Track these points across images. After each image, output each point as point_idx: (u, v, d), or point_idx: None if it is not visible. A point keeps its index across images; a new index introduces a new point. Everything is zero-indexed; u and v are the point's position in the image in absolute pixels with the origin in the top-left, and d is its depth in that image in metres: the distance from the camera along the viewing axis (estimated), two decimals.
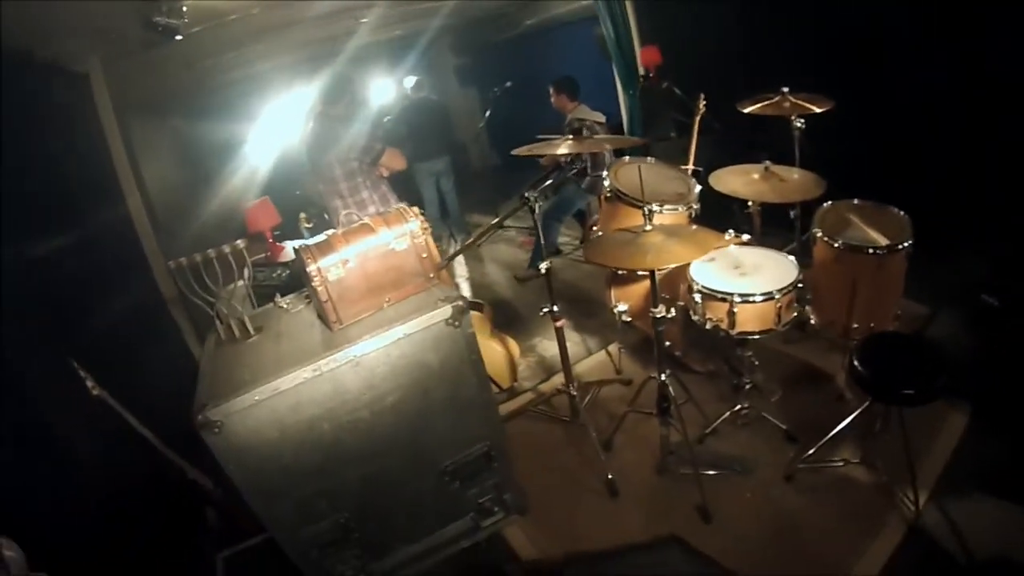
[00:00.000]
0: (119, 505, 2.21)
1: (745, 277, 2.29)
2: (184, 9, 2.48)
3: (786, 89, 2.85)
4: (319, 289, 1.76)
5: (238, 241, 1.85)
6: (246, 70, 4.47)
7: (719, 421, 2.49)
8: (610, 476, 2.34)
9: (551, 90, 4.09)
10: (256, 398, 1.62)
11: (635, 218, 2.43)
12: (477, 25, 6.13)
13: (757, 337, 2.23)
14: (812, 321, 2.78)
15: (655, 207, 2.54)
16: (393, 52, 5.44)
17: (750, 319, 2.19)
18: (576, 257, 4.53)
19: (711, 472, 2.29)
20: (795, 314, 2.26)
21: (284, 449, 1.70)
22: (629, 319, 2.89)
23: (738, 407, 2.50)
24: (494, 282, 4.55)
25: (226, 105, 4.54)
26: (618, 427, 2.58)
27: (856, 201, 2.69)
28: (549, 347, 3.41)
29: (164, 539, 2.46)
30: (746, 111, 2.89)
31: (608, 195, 2.78)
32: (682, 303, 2.47)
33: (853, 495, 2.14)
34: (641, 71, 4.47)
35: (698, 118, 3.51)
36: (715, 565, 1.96)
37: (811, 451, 2.22)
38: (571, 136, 2.43)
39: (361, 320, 1.82)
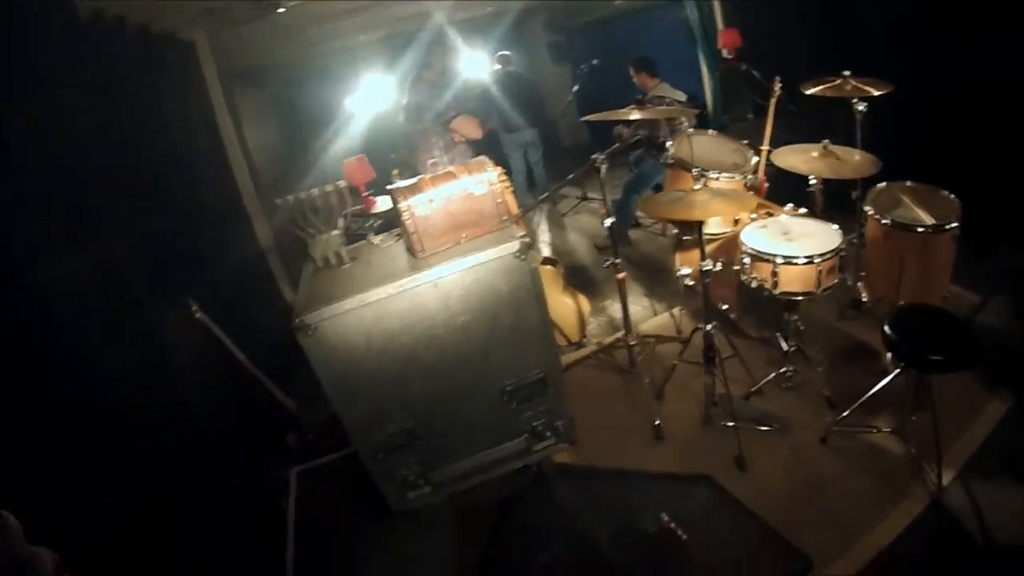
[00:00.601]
0: (217, 425, 2.65)
1: (792, 242, 2.48)
2: None
3: (847, 72, 2.98)
4: (407, 222, 2.11)
5: (340, 181, 2.23)
6: (344, 41, 4.94)
7: (764, 381, 2.68)
8: (657, 423, 2.58)
9: (631, 69, 4.34)
10: (346, 307, 1.98)
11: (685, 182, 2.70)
12: (570, 4, 6.44)
13: (800, 299, 2.43)
14: (864, 298, 2.93)
15: (713, 174, 2.76)
16: (486, 28, 5.80)
17: (793, 280, 2.39)
18: (655, 230, 4.76)
19: (752, 427, 2.49)
20: (835, 281, 2.43)
21: (367, 356, 2.05)
22: (691, 283, 3.13)
23: (784, 370, 2.68)
24: (575, 248, 4.91)
25: (325, 73, 5.05)
26: (669, 378, 2.82)
27: (909, 183, 2.84)
28: (619, 309, 3.65)
29: (250, 457, 2.91)
30: (808, 92, 3.04)
31: (671, 162, 3.02)
32: (737, 267, 2.68)
33: (881, 463, 2.29)
34: (725, 54, 4.64)
35: (774, 100, 3.65)
36: (738, 504, 2.17)
37: (845, 413, 2.38)
38: (636, 105, 2.68)
39: (441, 252, 2.16)
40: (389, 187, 2.24)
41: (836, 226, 2.55)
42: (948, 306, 2.64)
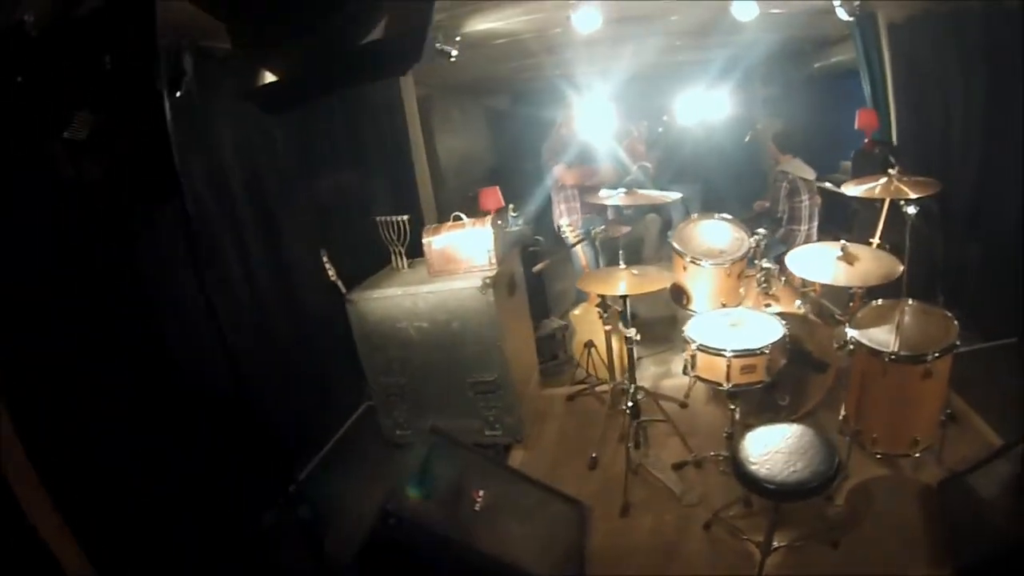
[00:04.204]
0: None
1: (733, 330, 3.22)
2: (458, 39, 4.46)
3: (893, 171, 3.27)
4: (427, 251, 3.68)
5: (403, 217, 3.88)
6: (533, 73, 6.49)
7: (707, 455, 3.45)
8: (594, 455, 3.63)
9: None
10: (376, 295, 3.66)
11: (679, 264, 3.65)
12: (773, 61, 6.93)
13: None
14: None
15: (697, 260, 3.65)
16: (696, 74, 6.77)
17: (705, 367, 3.16)
18: None
19: (661, 482, 3.36)
20: (754, 380, 3.09)
21: (383, 327, 3.70)
22: None
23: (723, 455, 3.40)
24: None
25: (523, 97, 6.71)
26: (640, 429, 3.70)
27: (910, 301, 3.15)
28: (677, 366, 4.46)
29: None
30: (850, 194, 3.45)
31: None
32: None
33: (732, 567, 2.83)
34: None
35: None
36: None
37: (731, 512, 3.05)
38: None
39: (442, 275, 3.67)
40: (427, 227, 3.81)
41: (782, 321, 3.18)
42: (924, 450, 3.04)
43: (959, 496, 2.84)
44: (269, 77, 1.54)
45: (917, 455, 3.08)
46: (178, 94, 1.60)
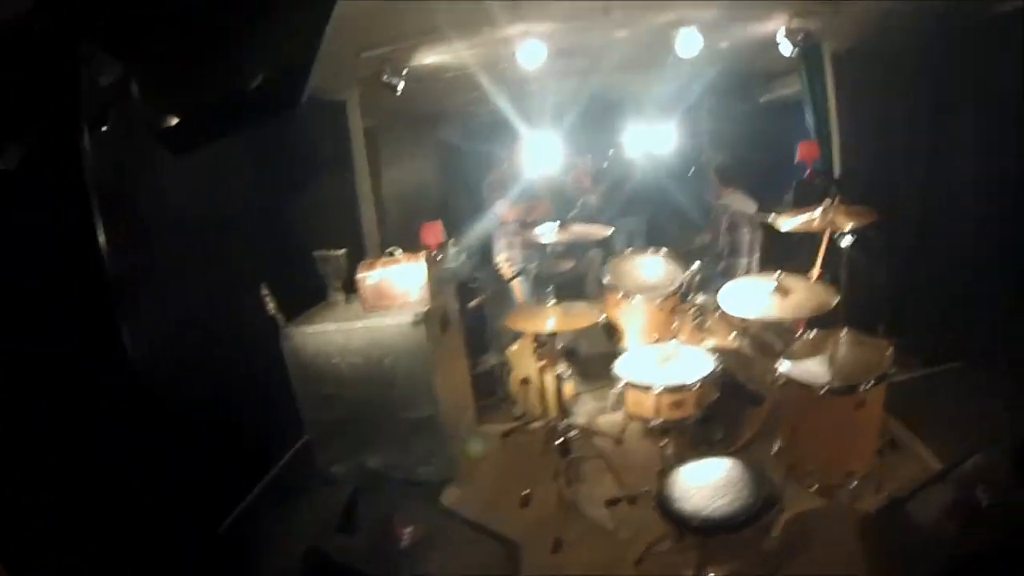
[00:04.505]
0: None
1: (665, 364, 3.29)
2: (405, 71, 4.54)
3: (828, 202, 3.40)
4: (360, 287, 3.69)
5: (340, 251, 3.90)
6: (482, 107, 6.52)
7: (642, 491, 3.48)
8: (526, 491, 3.61)
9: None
10: (309, 331, 3.65)
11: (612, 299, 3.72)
12: (720, 93, 7.17)
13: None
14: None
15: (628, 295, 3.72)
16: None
17: (635, 402, 3.22)
18: None
19: (593, 520, 3.38)
20: (684, 416, 3.16)
21: (318, 362, 3.68)
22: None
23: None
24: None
25: (472, 131, 6.81)
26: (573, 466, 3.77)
27: (845, 331, 3.26)
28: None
29: None
30: (785, 230, 3.56)
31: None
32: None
33: None
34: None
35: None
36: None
37: (663, 548, 3.07)
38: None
39: (376, 311, 3.67)
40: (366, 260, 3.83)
41: (710, 358, 3.26)
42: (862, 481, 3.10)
43: (896, 524, 2.89)
44: (173, 120, 1.61)
45: (854, 485, 3.14)
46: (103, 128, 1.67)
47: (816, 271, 3.75)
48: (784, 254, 5.28)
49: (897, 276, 4.53)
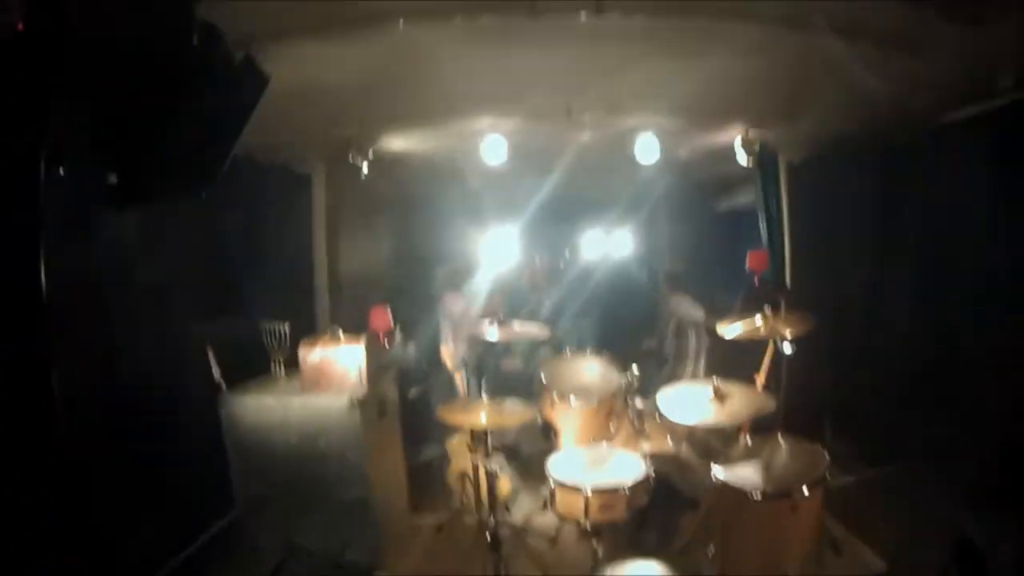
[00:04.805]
0: None
1: (596, 466, 3.29)
2: (370, 154, 4.68)
3: (768, 308, 3.56)
4: (302, 365, 3.68)
5: (284, 324, 3.90)
6: (444, 197, 6.77)
7: None
8: None
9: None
10: (248, 401, 3.61)
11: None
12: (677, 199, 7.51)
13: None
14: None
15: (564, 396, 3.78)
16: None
17: (562, 503, 3.20)
18: None
19: None
20: (614, 518, 3.14)
21: (255, 432, 3.62)
22: None
23: None
24: None
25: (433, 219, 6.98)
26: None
27: (780, 436, 3.32)
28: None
29: None
30: (728, 337, 3.68)
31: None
32: None
33: None
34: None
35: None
36: None
37: None
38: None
39: (314, 390, 3.66)
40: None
41: (642, 460, 3.28)
42: None
43: None
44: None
45: None
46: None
47: (762, 378, 3.91)
48: (732, 361, 5.46)
49: (842, 380, 4.66)
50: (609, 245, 6.60)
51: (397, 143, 4.81)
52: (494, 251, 5.30)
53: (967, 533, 2.72)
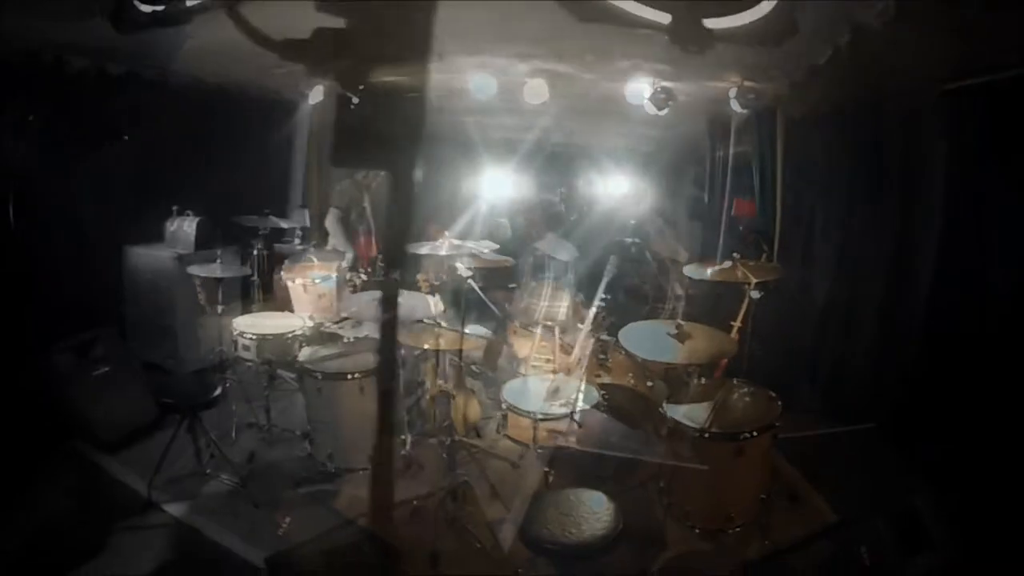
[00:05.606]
0: None
1: (551, 395, 3.51)
2: (360, 88, 4.81)
3: (737, 255, 3.69)
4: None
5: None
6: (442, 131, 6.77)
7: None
8: (415, 502, 3.82)
9: None
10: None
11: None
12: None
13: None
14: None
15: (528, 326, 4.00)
16: None
17: (516, 428, 3.43)
18: None
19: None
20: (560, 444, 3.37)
21: None
22: None
23: None
24: None
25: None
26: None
27: (735, 381, 3.51)
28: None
29: None
30: (698, 279, 3.82)
31: None
32: None
33: None
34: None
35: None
36: None
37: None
38: None
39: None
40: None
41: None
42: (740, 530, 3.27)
43: (775, 573, 3.06)
44: None
45: (736, 531, 3.32)
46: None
47: (737, 323, 4.04)
48: (718, 308, 5.60)
49: (819, 335, 4.78)
50: (603, 187, 6.68)
51: (389, 76, 4.89)
52: (487, 186, 5.40)
53: (915, 504, 2.76)
